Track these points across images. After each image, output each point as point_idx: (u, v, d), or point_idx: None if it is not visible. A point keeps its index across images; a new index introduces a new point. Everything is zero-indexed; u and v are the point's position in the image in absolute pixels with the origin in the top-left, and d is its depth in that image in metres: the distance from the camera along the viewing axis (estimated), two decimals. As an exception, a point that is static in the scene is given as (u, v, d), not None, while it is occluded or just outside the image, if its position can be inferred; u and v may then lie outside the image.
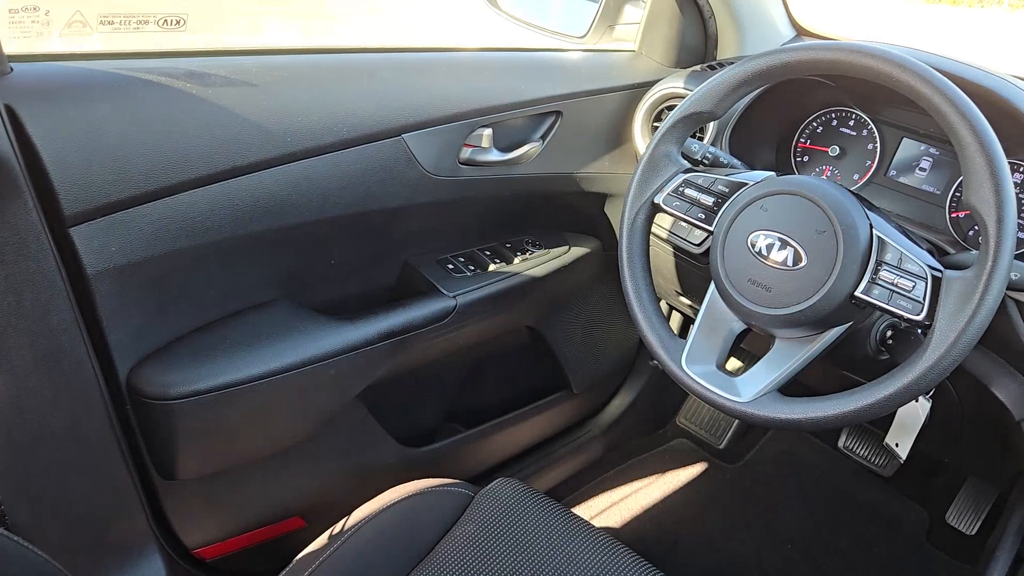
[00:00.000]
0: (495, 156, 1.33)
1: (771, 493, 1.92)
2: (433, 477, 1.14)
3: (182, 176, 1.00)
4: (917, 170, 1.26)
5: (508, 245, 1.51)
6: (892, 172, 1.28)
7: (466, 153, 1.30)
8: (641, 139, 1.42)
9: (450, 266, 1.42)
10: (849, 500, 1.88)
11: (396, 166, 1.21)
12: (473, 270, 1.42)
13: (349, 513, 1.07)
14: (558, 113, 1.37)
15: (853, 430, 1.77)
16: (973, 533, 1.63)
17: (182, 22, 1.05)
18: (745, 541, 1.79)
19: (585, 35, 1.51)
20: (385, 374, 1.32)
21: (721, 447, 2.01)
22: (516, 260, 1.47)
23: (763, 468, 1.98)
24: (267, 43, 1.24)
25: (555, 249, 1.53)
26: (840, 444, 1.79)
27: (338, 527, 1.04)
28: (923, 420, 1.09)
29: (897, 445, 1.12)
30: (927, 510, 1.81)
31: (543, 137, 1.38)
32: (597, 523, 1.71)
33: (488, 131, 1.30)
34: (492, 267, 1.44)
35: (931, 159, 1.24)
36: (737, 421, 2.00)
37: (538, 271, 1.48)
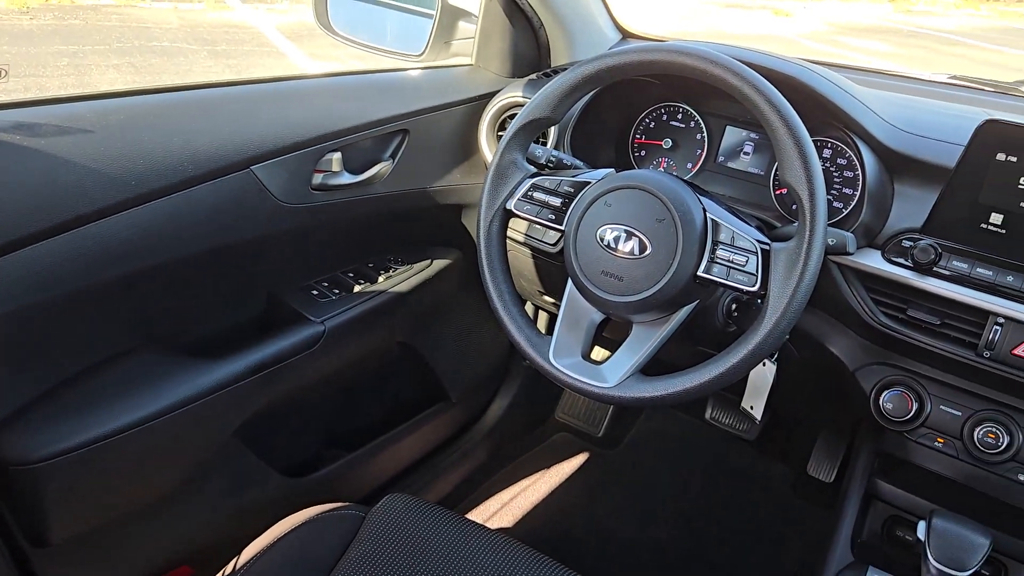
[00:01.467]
0: (347, 179, 1.34)
1: (650, 471, 2.01)
2: (322, 504, 1.14)
3: (24, 230, 0.97)
4: (742, 154, 1.37)
5: (371, 265, 1.52)
6: (720, 158, 1.38)
7: (318, 179, 1.30)
8: (488, 149, 1.47)
9: (315, 292, 1.42)
10: (721, 467, 2.00)
11: (248, 199, 1.20)
12: (338, 293, 1.43)
13: (239, 553, 1.05)
14: (405, 131, 1.40)
15: (716, 401, 1.89)
16: (831, 480, 1.78)
17: (3, 73, 1.01)
18: (631, 521, 1.88)
19: (423, 53, 1.55)
20: (260, 407, 1.31)
21: (600, 435, 2.10)
22: (380, 279, 1.49)
23: (641, 449, 2.08)
24: (101, 87, 1.20)
25: (417, 264, 1.56)
26: (707, 416, 1.90)
27: (229, 568, 1.03)
28: (771, 381, 1.19)
29: (752, 408, 1.22)
30: (789, 466, 1.95)
31: (393, 156, 1.41)
32: (491, 525, 1.75)
33: (337, 155, 1.32)
34: (357, 288, 1.45)
35: (752, 143, 1.35)
36: (612, 408, 2.09)
37: (403, 287, 1.50)
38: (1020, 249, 1.04)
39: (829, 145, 1.25)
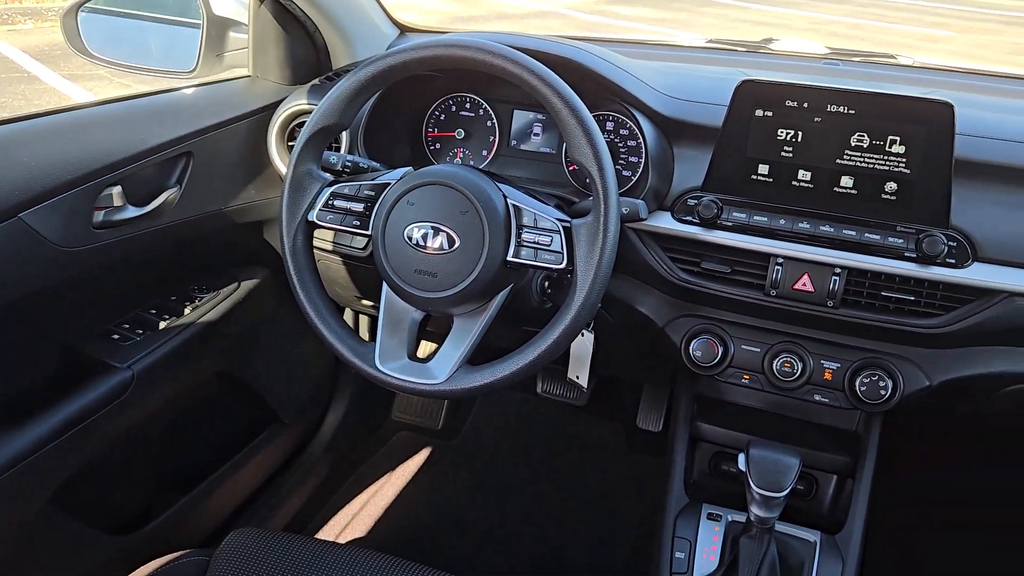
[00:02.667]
0: (132, 212, 1.26)
1: (494, 453, 2.06)
2: (161, 555, 1.08)
3: None
4: (532, 136, 1.41)
5: (174, 298, 1.44)
6: (513, 142, 1.42)
7: (99, 216, 1.21)
8: (280, 161, 1.43)
9: (116, 336, 1.33)
10: (559, 437, 2.07)
11: (21, 249, 1.10)
12: (143, 333, 1.34)
13: None
14: (188, 154, 1.33)
15: (545, 374, 1.95)
16: (660, 430, 1.89)
17: None
18: (484, 506, 1.91)
19: (195, 69, 1.48)
20: (75, 468, 1.22)
21: (439, 427, 2.11)
22: (187, 311, 1.41)
23: (481, 433, 2.11)
24: None
25: (224, 289, 1.50)
26: (539, 390, 1.97)
27: None
28: (591, 350, 1.25)
29: (578, 377, 1.27)
30: (622, 423, 2.05)
31: (179, 181, 1.33)
32: (344, 540, 1.72)
33: (117, 188, 1.23)
34: (163, 324, 1.37)
35: (541, 124, 1.40)
36: (447, 399, 2.11)
37: (212, 315, 1.43)
38: (787, 194, 1.15)
39: (611, 118, 1.31)
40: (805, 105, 1.12)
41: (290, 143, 1.45)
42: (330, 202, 1.10)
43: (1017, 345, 1.14)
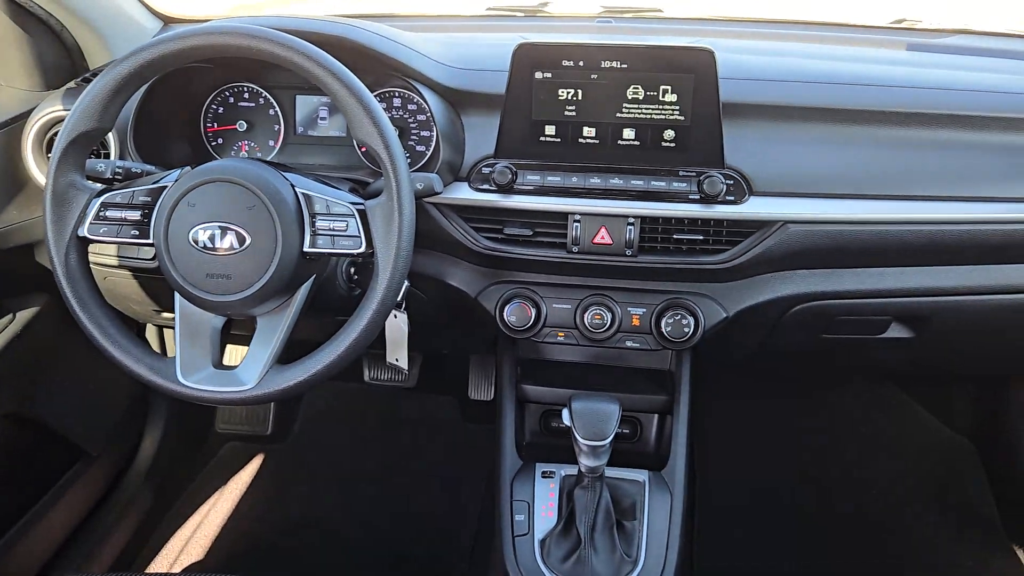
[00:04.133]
0: None
1: (331, 449, 2.00)
2: None
3: None
4: (320, 121, 1.36)
5: None
6: (300, 129, 1.37)
7: None
8: (40, 174, 1.30)
9: None
10: (395, 420, 2.05)
11: None
12: None
13: None
14: None
15: (370, 361, 1.92)
16: (491, 398, 1.91)
17: None
18: (326, 503, 1.86)
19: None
20: None
21: (269, 432, 2.03)
22: None
23: (314, 431, 2.05)
24: None
25: None
26: (366, 378, 1.93)
27: None
28: (407, 330, 1.23)
29: (397, 360, 1.26)
30: (455, 396, 2.06)
31: (-78, 210, 1.19)
32: (180, 567, 1.63)
33: None
34: None
35: (327, 108, 1.36)
36: (264, 403, 2.03)
37: None
38: (576, 152, 1.18)
39: (397, 94, 1.29)
40: (581, 63, 1.15)
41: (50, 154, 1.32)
42: (101, 213, 1.01)
43: (796, 268, 1.23)
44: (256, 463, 1.96)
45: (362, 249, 0.98)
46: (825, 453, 1.94)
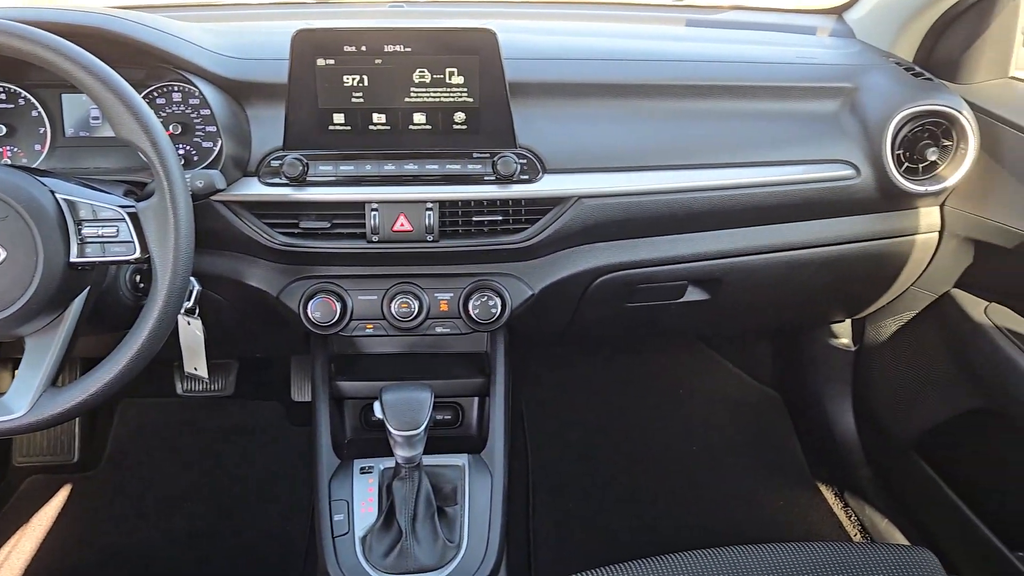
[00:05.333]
0: None
1: (147, 471, 1.88)
2: None
3: None
4: (92, 121, 1.26)
5: None
6: (71, 131, 1.26)
7: None
8: None
9: None
10: (215, 432, 1.95)
11: None
12: None
13: None
14: None
15: (182, 374, 1.82)
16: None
17: None
18: (150, 532, 1.75)
19: None
20: None
21: (76, 460, 1.88)
22: None
23: (128, 454, 1.92)
24: None
25: None
26: (180, 391, 1.83)
27: None
28: (202, 337, 1.17)
29: (196, 369, 1.19)
30: (279, 400, 1.98)
31: None
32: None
33: None
34: None
35: (97, 107, 1.25)
36: (77, 426, 1.88)
37: None
38: (367, 140, 1.15)
39: (176, 89, 1.21)
40: (364, 48, 1.12)
41: None
42: None
43: (595, 242, 1.27)
44: (63, 495, 1.82)
45: (137, 255, 0.92)
46: (645, 412, 2.03)
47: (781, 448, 1.98)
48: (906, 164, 1.28)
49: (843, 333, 1.74)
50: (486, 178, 1.16)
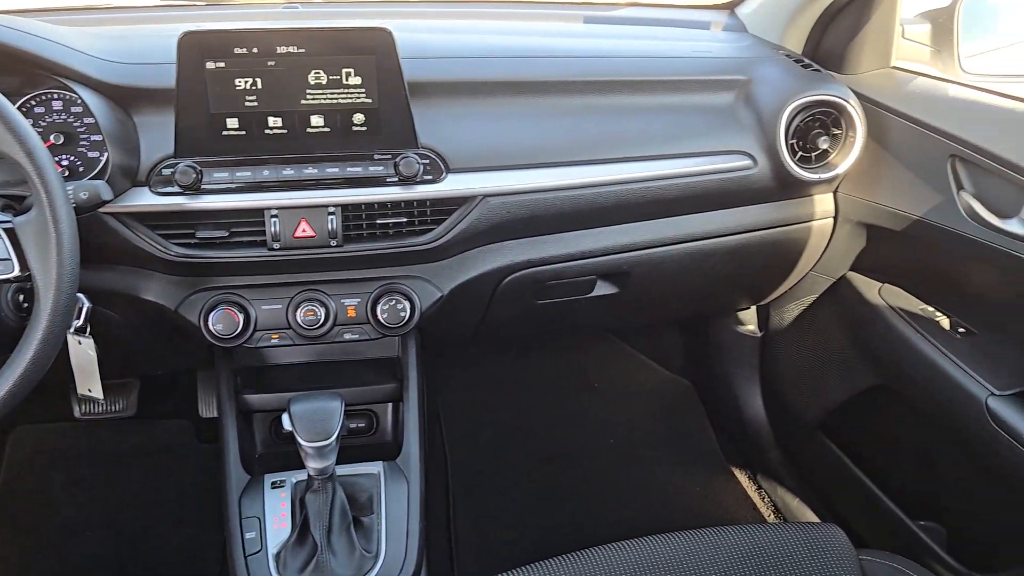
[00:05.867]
0: None
1: (41, 504, 1.77)
2: None
3: None
4: None
5: None
6: None
7: None
8: None
9: None
10: (118, 456, 1.86)
11: None
12: None
13: None
14: None
15: (75, 398, 1.73)
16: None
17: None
18: (50, 566, 1.65)
19: None
20: None
21: None
22: None
23: (18, 486, 1.80)
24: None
25: None
26: (77, 414, 1.74)
27: None
28: (94, 356, 1.11)
29: (90, 390, 1.13)
30: (187, 418, 1.90)
31: None
32: None
33: None
34: None
35: None
36: None
37: None
38: (264, 144, 1.12)
39: (56, 96, 1.15)
40: (255, 50, 1.08)
41: None
42: None
43: (503, 240, 1.26)
44: None
45: (16, 272, 0.87)
46: (560, 408, 2.04)
47: (695, 436, 2.02)
48: (800, 153, 1.32)
49: (749, 320, 1.79)
50: (389, 180, 1.14)
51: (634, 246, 1.34)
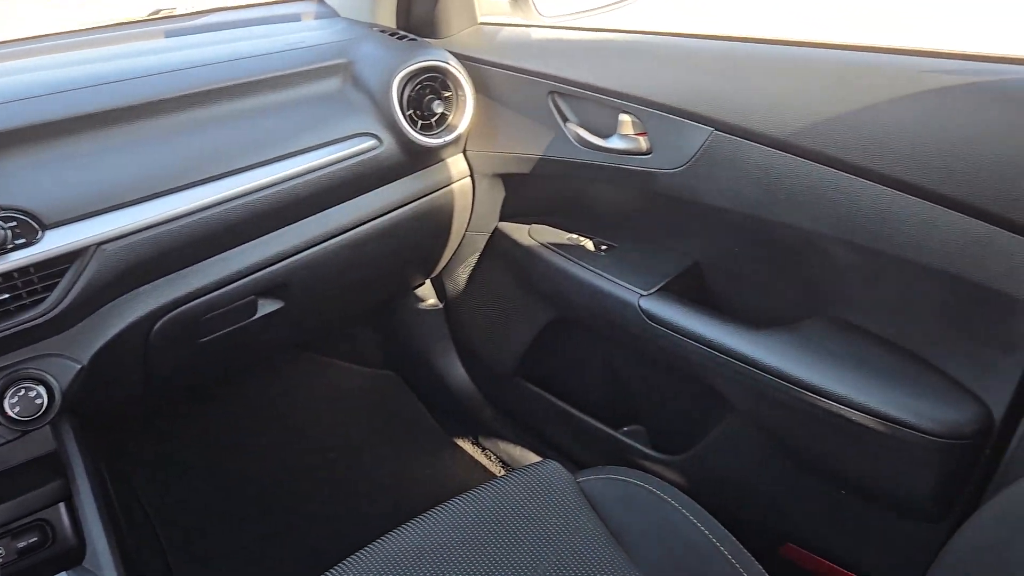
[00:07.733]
0: None
1: None
2: None
3: None
4: None
5: None
6: None
7: None
8: None
9: None
10: None
11: None
12: None
13: None
14: None
15: None
16: None
17: None
18: None
19: None
20: None
21: None
22: None
23: None
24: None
25: None
26: None
27: None
28: None
29: None
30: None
31: None
32: None
33: None
34: None
35: None
36: None
37: None
38: None
39: None
40: None
41: None
42: None
43: (140, 286, 1.14)
44: None
45: None
46: (272, 436, 1.93)
47: (412, 421, 2.01)
48: (420, 122, 1.33)
49: (428, 295, 1.81)
50: None
51: (286, 253, 1.27)
